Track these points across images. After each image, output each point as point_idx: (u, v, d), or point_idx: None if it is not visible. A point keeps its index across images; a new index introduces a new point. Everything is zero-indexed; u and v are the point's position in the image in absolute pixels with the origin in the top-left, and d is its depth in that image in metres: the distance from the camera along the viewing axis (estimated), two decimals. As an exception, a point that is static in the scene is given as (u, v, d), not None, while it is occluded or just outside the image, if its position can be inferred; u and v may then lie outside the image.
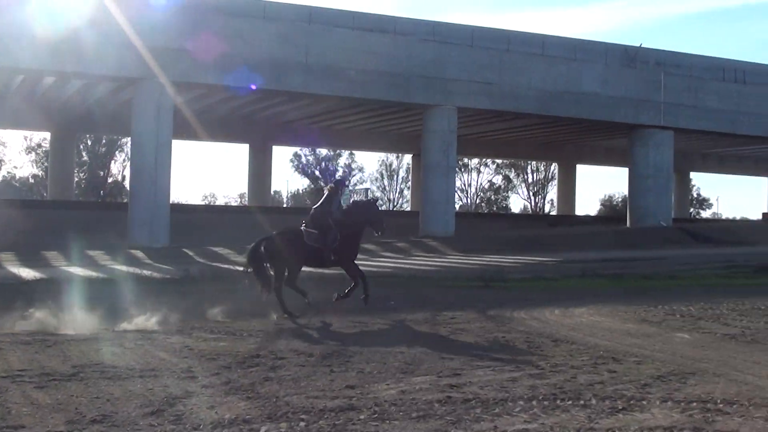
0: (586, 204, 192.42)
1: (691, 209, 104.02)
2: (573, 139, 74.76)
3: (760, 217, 79.25)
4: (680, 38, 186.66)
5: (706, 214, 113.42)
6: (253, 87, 43.26)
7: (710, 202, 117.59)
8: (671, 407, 7.69)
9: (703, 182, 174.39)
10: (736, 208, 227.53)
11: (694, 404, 7.78)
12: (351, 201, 16.14)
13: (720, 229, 59.33)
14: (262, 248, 14.43)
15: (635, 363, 10.07)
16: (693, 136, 63.03)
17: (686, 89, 55.96)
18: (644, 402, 7.90)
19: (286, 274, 14.59)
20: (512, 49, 49.99)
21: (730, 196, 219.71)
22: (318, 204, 15.07)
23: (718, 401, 7.91)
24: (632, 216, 56.61)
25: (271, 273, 14.51)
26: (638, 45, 55.51)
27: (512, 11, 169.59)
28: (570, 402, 7.88)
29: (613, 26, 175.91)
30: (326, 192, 15.37)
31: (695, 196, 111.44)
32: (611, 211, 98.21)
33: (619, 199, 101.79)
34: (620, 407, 7.68)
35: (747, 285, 20.79)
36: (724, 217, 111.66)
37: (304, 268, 15.31)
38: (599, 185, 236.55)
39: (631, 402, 7.89)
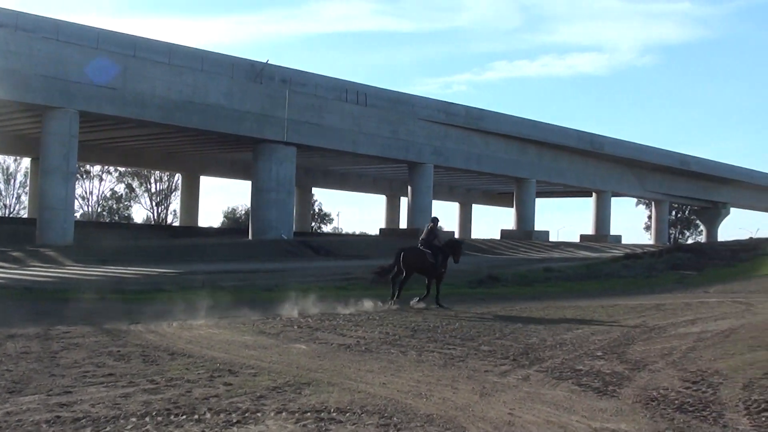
0: (210, 216, 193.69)
1: (313, 223, 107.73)
2: (198, 150, 74.86)
3: (377, 232, 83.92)
4: (305, 57, 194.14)
5: (327, 228, 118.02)
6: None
7: (331, 217, 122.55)
8: (286, 418, 7.78)
9: (324, 198, 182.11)
10: (356, 224, 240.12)
11: (309, 414, 7.93)
12: (450, 238, 24.22)
13: (340, 243, 61.91)
14: (403, 255, 20.65)
15: (251, 375, 10.12)
16: (315, 152, 65.48)
17: (310, 107, 58.01)
18: (259, 414, 7.93)
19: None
20: (138, 55, 49.08)
21: (351, 211, 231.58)
22: (424, 234, 21.57)
23: (332, 410, 8.13)
24: (254, 228, 57.59)
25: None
26: (265, 61, 56.72)
27: (138, 16, 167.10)
28: (184, 417, 7.73)
29: (241, 40, 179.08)
30: (428, 226, 22.02)
31: (317, 211, 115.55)
32: (234, 224, 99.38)
33: (243, 212, 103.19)
34: (235, 420, 7.65)
35: (363, 296, 21.79)
36: (344, 231, 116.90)
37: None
38: (224, 197, 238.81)
39: (246, 414, 7.89)
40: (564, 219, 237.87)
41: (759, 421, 7.95)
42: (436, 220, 22.58)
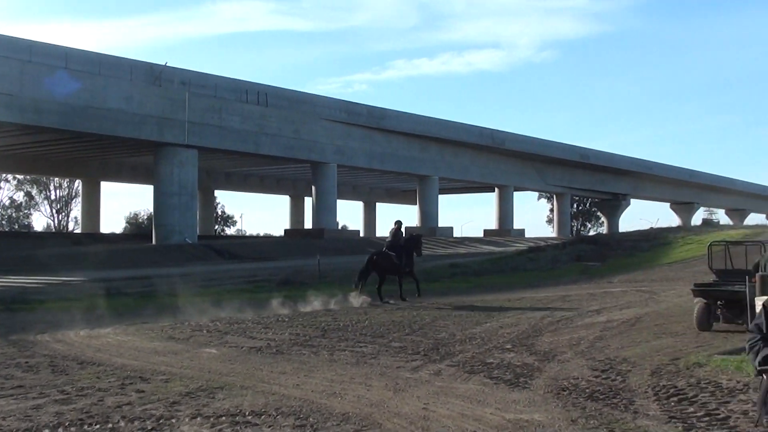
0: (113, 221, 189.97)
1: (216, 226, 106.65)
2: (98, 156, 73.39)
3: (282, 233, 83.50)
4: (205, 59, 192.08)
5: (231, 230, 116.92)
6: None
7: (235, 219, 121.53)
8: (201, 423, 7.75)
9: (227, 200, 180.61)
10: (260, 225, 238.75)
11: (224, 418, 7.91)
12: (407, 235, 25.26)
13: (244, 246, 61.36)
14: (374, 258, 22.80)
15: (163, 381, 10.05)
16: (217, 155, 64.82)
17: (211, 109, 57.29)
18: (174, 420, 7.88)
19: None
20: (34, 60, 47.74)
21: (254, 213, 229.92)
22: (390, 238, 23.86)
23: (247, 413, 8.12)
24: (158, 233, 56.71)
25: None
26: (164, 63, 55.93)
27: (33, 21, 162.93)
28: (98, 426, 7.64)
29: (139, 43, 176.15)
30: (392, 230, 24.18)
31: (220, 213, 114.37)
32: (137, 229, 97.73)
33: (145, 217, 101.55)
34: (150, 427, 7.60)
35: (271, 297, 21.80)
36: (248, 233, 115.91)
37: None
38: (126, 202, 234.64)
39: (161, 421, 7.84)
40: (467, 215, 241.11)
41: (668, 406, 8.24)
42: (399, 223, 24.52)
